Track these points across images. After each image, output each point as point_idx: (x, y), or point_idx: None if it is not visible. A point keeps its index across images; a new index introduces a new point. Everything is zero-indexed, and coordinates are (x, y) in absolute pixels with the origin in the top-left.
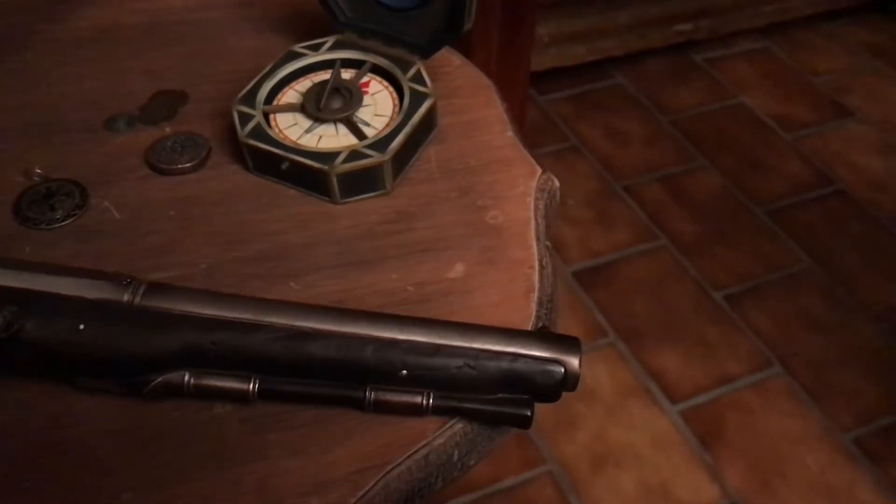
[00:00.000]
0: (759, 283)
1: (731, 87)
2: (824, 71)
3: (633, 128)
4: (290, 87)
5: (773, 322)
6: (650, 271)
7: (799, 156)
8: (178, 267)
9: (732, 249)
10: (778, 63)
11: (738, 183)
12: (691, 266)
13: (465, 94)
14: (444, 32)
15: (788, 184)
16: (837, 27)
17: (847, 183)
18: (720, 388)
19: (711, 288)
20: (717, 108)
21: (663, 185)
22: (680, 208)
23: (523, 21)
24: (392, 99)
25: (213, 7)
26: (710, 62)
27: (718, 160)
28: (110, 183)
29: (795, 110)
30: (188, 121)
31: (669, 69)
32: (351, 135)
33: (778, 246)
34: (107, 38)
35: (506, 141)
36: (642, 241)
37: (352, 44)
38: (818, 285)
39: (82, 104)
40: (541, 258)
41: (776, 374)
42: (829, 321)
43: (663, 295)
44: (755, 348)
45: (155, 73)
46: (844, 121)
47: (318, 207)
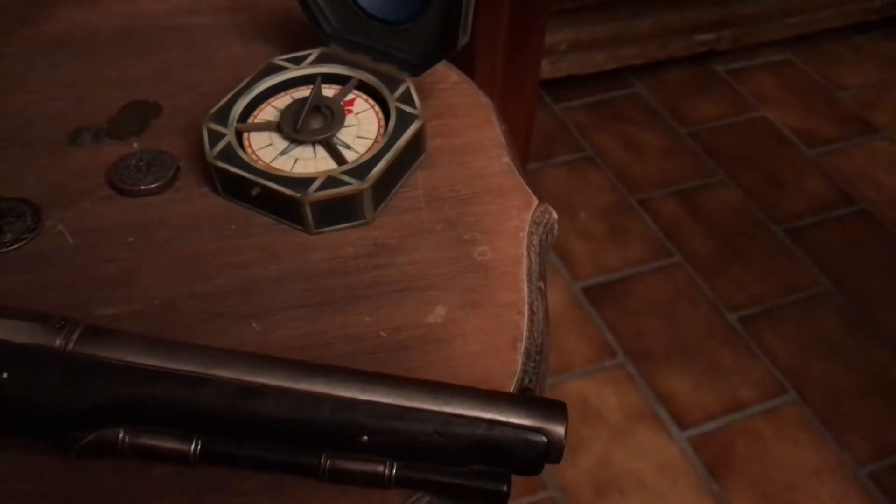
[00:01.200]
0: (776, 305)
1: (754, 99)
2: (850, 85)
3: (651, 139)
4: (268, 102)
5: (788, 346)
6: (663, 290)
7: (821, 173)
8: (131, 302)
9: (749, 269)
10: (802, 76)
11: (757, 200)
12: (706, 285)
13: (460, 114)
14: (437, 48)
15: (809, 202)
16: (865, 40)
17: (870, 203)
18: (731, 415)
19: (726, 309)
20: (738, 122)
21: (680, 200)
22: (696, 224)
23: (532, 29)
24: (377, 119)
25: (198, 12)
26: (733, 73)
27: (738, 175)
28: (67, 203)
29: (819, 125)
30: (159, 136)
31: (690, 79)
32: (329, 158)
33: (796, 267)
34: (81, 42)
35: (501, 167)
36: (656, 257)
37: (337, 58)
38: (836, 309)
39: (47, 114)
40: (531, 302)
41: (790, 401)
42: (847, 347)
43: (676, 315)
44: (769, 374)
45: (129, 83)
46: (870, 137)
47: (289, 237)
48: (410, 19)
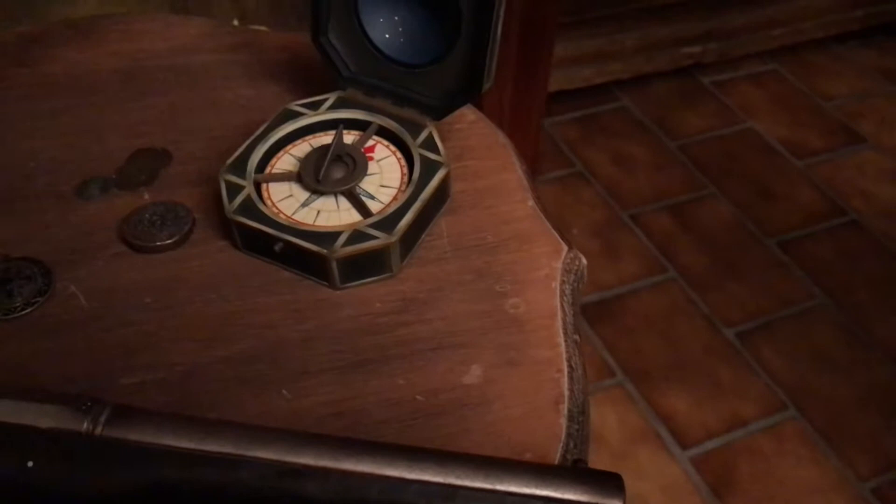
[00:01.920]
0: (772, 320)
1: (740, 111)
2: (835, 95)
3: (640, 153)
4: (285, 150)
5: (786, 361)
6: (659, 306)
7: (810, 184)
8: (153, 369)
9: (743, 283)
10: (787, 86)
11: (748, 212)
12: (701, 301)
13: (479, 155)
14: (460, 92)
15: (800, 214)
16: (847, 50)
17: (860, 214)
18: (733, 433)
19: (723, 325)
20: (725, 133)
21: (671, 214)
22: (689, 239)
23: (539, 63)
24: (400, 167)
25: (200, 50)
26: (718, 85)
27: (727, 188)
28: (79, 262)
29: (806, 136)
30: (170, 186)
31: (676, 92)
32: (353, 210)
33: (790, 280)
34: (82, 85)
35: (527, 212)
36: (651, 273)
37: (356, 102)
38: (832, 322)
39: (52, 164)
40: (569, 358)
41: (790, 417)
42: (845, 360)
43: (673, 332)
44: (768, 390)
45: (134, 128)
46: (857, 147)
47: (315, 293)
48: (432, 62)
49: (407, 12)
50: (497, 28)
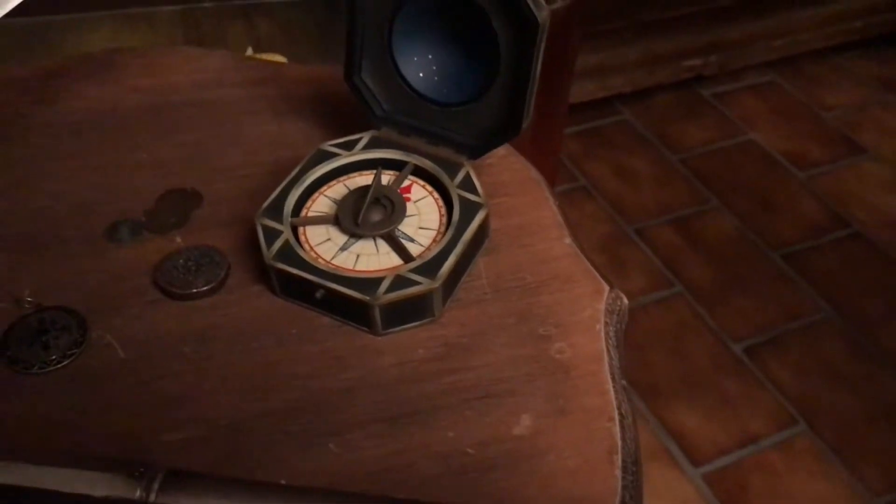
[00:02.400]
0: (779, 334)
1: (741, 122)
2: (834, 105)
3: (643, 166)
4: (320, 192)
5: (795, 375)
6: (666, 321)
7: (812, 196)
8: (196, 424)
9: (750, 297)
10: (787, 97)
11: (751, 225)
12: (708, 315)
13: (512, 191)
14: (498, 131)
15: (803, 226)
16: (846, 60)
17: (863, 225)
18: (744, 449)
19: (730, 339)
20: (726, 146)
21: (676, 228)
22: (694, 253)
23: (558, 93)
24: (438, 207)
25: (223, 85)
26: (718, 97)
27: (731, 201)
28: (113, 310)
29: (807, 147)
30: (202, 228)
31: (676, 104)
32: (393, 253)
33: (796, 292)
34: (105, 122)
35: (565, 250)
36: (657, 288)
37: (390, 141)
38: (839, 334)
39: (79, 207)
40: (619, 405)
41: (801, 432)
42: (853, 373)
43: (681, 347)
44: (778, 405)
45: (162, 167)
46: (857, 158)
47: (355, 340)
48: (468, 101)
49: (441, 51)
50: (537, 67)
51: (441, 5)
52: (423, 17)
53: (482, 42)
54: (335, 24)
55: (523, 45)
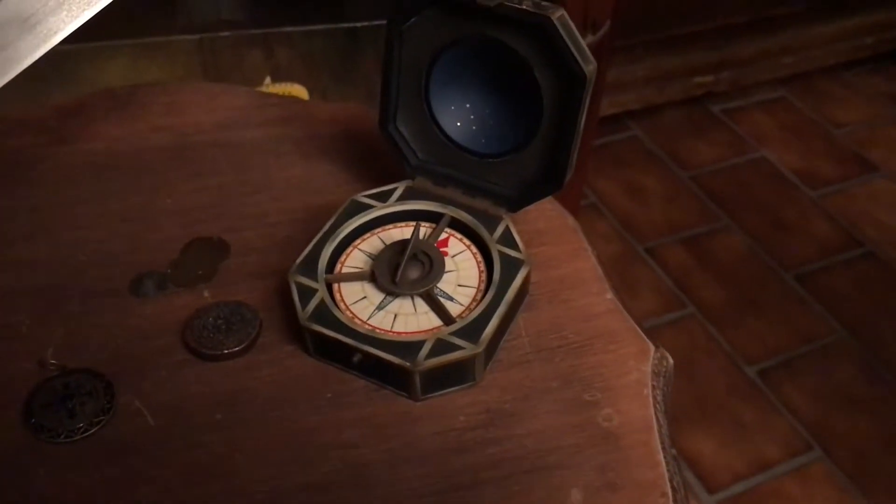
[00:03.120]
0: (793, 357)
1: (751, 139)
2: (845, 122)
3: (653, 184)
4: (354, 246)
5: (809, 400)
6: (679, 344)
7: (824, 215)
8: (231, 498)
9: (762, 319)
10: (797, 114)
11: (763, 245)
12: (721, 337)
13: (549, 241)
14: (539, 184)
15: (816, 246)
16: (856, 76)
17: (876, 245)
18: (759, 476)
19: (744, 362)
20: (737, 163)
21: (687, 248)
22: (706, 273)
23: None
24: (476, 263)
25: (248, 125)
26: (728, 113)
27: (742, 219)
28: (141, 373)
29: (818, 165)
30: (230, 281)
31: (686, 121)
32: (432, 313)
33: (809, 314)
34: (127, 164)
35: (606, 305)
36: (669, 309)
37: (425, 192)
38: (854, 357)
39: (103, 257)
40: (671, 478)
41: (816, 458)
42: (867, 398)
43: (694, 370)
44: (793, 430)
45: (186, 214)
46: (869, 177)
47: (393, 405)
48: (507, 152)
49: (480, 100)
50: (582, 119)
51: (481, 54)
52: (462, 66)
53: (523, 92)
54: (356, 54)
55: (568, 98)
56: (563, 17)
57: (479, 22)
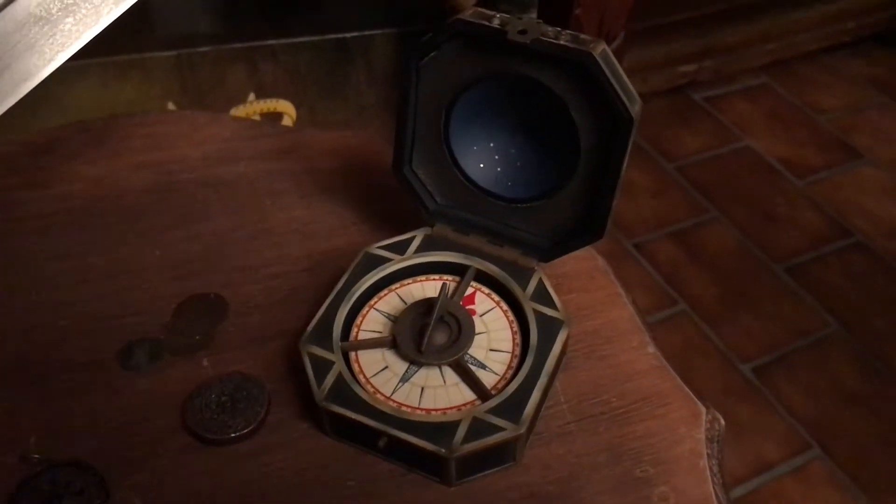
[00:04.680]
0: (787, 352)
1: (735, 128)
2: (828, 108)
3: (639, 177)
4: (370, 305)
5: (805, 396)
6: (672, 342)
7: (812, 204)
8: None
9: (755, 313)
10: (780, 100)
11: (753, 237)
12: (714, 334)
13: (578, 286)
14: (575, 233)
15: (805, 236)
16: (837, 60)
17: (865, 234)
18: (759, 477)
19: (738, 360)
20: (723, 153)
21: (676, 242)
22: (696, 268)
23: None
24: (508, 322)
25: (238, 158)
26: (710, 101)
27: (730, 211)
28: (137, 462)
29: (803, 153)
30: (231, 346)
31: (669, 110)
32: (462, 384)
33: (802, 307)
34: (109, 210)
35: (649, 362)
36: (661, 307)
37: (446, 241)
38: (848, 351)
39: (86, 322)
40: None
41: (816, 456)
42: (863, 393)
43: (690, 370)
44: (791, 428)
45: (178, 267)
46: (855, 164)
47: (424, 493)
48: (538, 197)
49: (506, 140)
50: (625, 162)
51: (509, 91)
52: (487, 103)
53: (556, 132)
54: (345, 67)
55: (609, 139)
56: (604, 53)
57: (507, 57)
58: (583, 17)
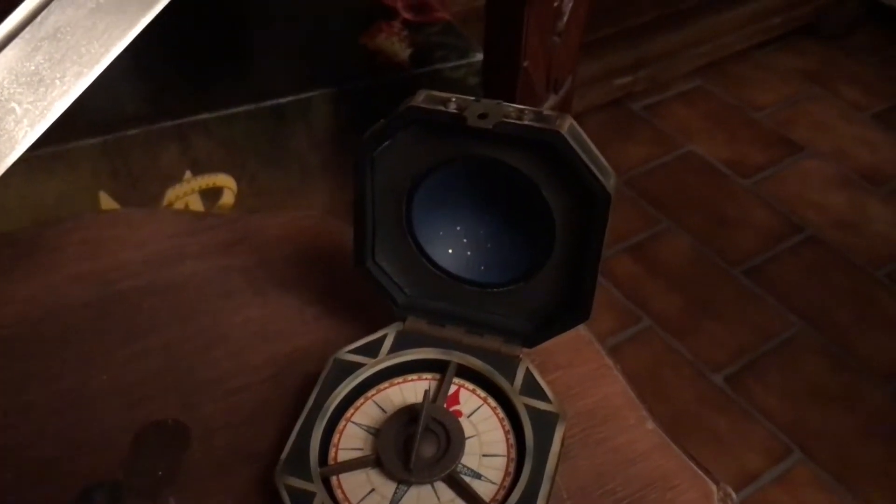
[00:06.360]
0: (756, 357)
1: (677, 134)
2: (764, 104)
3: None
4: (346, 419)
5: (779, 400)
6: (641, 360)
7: (761, 202)
8: None
9: (720, 321)
10: (716, 101)
11: (708, 243)
12: (682, 347)
13: (565, 362)
14: (557, 316)
15: (759, 236)
16: (768, 56)
17: (816, 227)
18: (745, 489)
19: (709, 370)
20: (668, 160)
21: (633, 256)
22: (656, 281)
23: None
24: (499, 420)
25: (184, 257)
26: (649, 109)
27: (683, 219)
28: None
29: (746, 152)
30: (199, 477)
31: (610, 123)
32: (459, 499)
33: (764, 309)
34: (46, 333)
35: (650, 440)
36: (626, 325)
37: (421, 335)
38: (815, 349)
39: (32, 469)
40: None
41: (798, 461)
42: (836, 389)
43: (662, 386)
44: (769, 434)
45: (129, 392)
46: (797, 157)
47: None
48: (514, 280)
49: (473, 221)
50: (604, 237)
51: (472, 173)
52: (449, 187)
53: (527, 210)
54: (283, 132)
55: (585, 216)
56: (572, 129)
57: (468, 140)
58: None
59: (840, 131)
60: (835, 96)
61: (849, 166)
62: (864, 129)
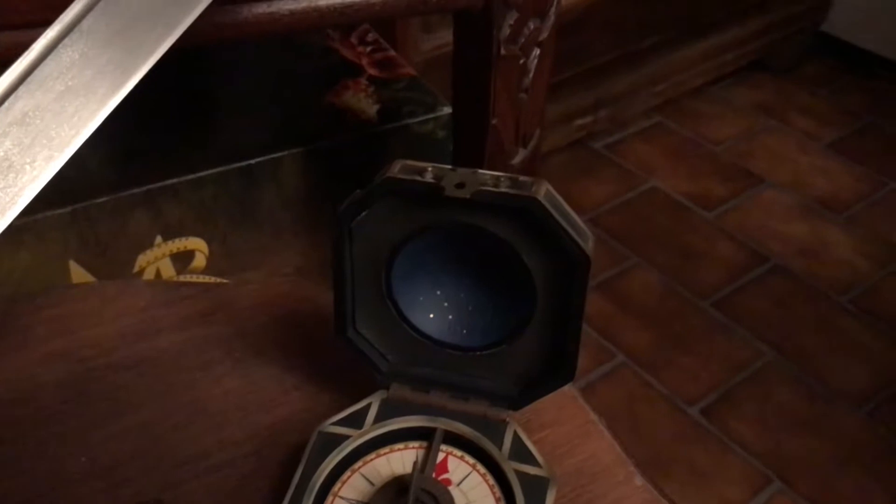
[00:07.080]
0: (730, 388)
1: (639, 171)
2: (723, 137)
3: None
4: (334, 494)
5: (755, 431)
6: (617, 396)
7: (725, 235)
8: None
9: (691, 354)
10: (676, 137)
11: (675, 277)
12: (656, 381)
13: (550, 420)
14: (543, 376)
15: (724, 269)
16: (723, 90)
17: (780, 256)
18: None
19: (684, 403)
20: (631, 197)
21: (603, 294)
22: (627, 317)
23: None
24: (489, 487)
25: (159, 330)
26: (610, 148)
27: (649, 254)
28: None
29: (708, 185)
30: None
31: (573, 163)
32: None
33: (734, 340)
34: (20, 416)
35: (640, 497)
36: (600, 362)
37: (405, 403)
38: (787, 378)
39: None
40: None
41: (778, 490)
42: (810, 417)
43: (638, 422)
44: (748, 466)
45: (108, 475)
46: (757, 188)
47: None
48: (497, 343)
49: (454, 286)
50: (584, 299)
51: (450, 240)
52: (428, 253)
53: (506, 273)
54: (253, 193)
55: (565, 279)
56: (549, 194)
57: (446, 208)
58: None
59: (797, 161)
60: (789, 127)
61: (808, 195)
62: (820, 158)
